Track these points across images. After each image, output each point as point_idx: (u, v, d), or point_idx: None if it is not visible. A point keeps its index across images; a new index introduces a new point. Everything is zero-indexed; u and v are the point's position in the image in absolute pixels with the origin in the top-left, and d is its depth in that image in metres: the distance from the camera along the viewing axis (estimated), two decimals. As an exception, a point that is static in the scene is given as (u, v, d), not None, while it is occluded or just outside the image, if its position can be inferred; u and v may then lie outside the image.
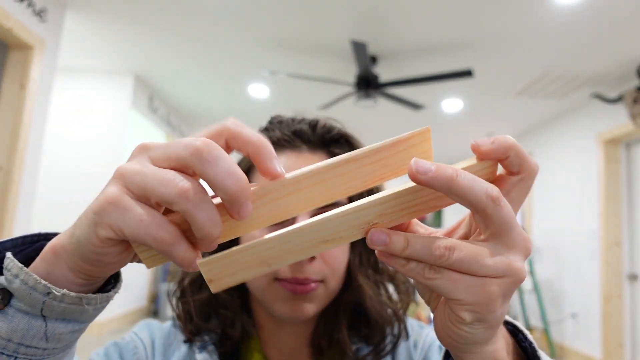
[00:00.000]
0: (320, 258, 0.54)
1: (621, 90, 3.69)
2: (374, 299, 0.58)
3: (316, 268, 0.53)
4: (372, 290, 0.59)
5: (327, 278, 0.55)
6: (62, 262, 0.29)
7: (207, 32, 3.32)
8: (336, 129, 0.59)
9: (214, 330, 0.58)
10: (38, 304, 0.28)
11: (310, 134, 0.58)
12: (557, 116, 4.72)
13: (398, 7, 2.83)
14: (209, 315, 0.59)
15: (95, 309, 0.31)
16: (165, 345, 0.60)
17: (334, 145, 0.59)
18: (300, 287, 0.53)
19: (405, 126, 5.33)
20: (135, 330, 0.61)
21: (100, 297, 0.31)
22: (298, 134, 0.58)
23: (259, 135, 0.28)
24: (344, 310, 0.59)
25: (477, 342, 0.29)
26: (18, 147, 2.63)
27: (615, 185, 3.93)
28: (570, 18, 2.82)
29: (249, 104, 4.84)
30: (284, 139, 0.58)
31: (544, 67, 3.55)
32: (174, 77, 4.32)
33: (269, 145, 0.28)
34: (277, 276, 0.53)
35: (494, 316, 0.28)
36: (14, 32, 2.54)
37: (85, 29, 3.39)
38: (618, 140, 3.97)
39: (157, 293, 5.18)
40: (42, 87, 2.85)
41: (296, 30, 3.21)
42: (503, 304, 0.28)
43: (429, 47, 3.34)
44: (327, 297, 0.57)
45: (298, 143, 0.58)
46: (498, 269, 0.27)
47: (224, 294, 0.59)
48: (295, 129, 0.58)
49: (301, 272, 0.52)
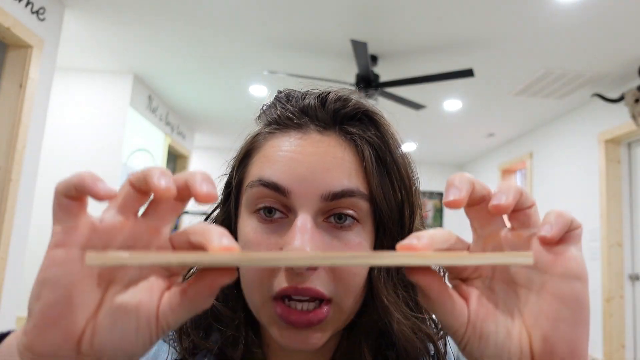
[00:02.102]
0: (328, 269, 0.42)
1: (622, 89, 3.68)
2: (403, 323, 0.44)
3: (321, 277, 0.41)
4: (401, 312, 0.45)
5: (339, 297, 0.42)
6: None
7: (207, 32, 3.31)
8: (352, 102, 0.47)
9: (213, 350, 0.48)
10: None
11: (320, 109, 0.46)
12: (558, 116, 4.71)
13: (398, 7, 2.82)
14: (208, 331, 0.49)
15: None
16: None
17: (348, 123, 0.47)
18: (299, 319, 0.40)
19: (406, 126, 5.31)
20: None
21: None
22: (304, 110, 0.47)
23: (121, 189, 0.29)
24: (366, 334, 0.46)
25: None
26: (17, 147, 2.62)
27: (616, 185, 3.92)
28: (570, 18, 2.81)
29: (249, 104, 4.82)
30: (287, 117, 0.47)
31: (544, 67, 3.54)
32: (173, 77, 4.31)
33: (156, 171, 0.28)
34: (272, 292, 0.42)
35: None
36: (13, 31, 2.53)
37: (84, 29, 3.38)
38: (619, 140, 3.96)
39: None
40: (40, 86, 2.84)
41: (296, 30, 3.20)
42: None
43: (429, 47, 3.33)
44: (342, 320, 0.44)
45: (304, 121, 0.46)
46: None
47: (225, 309, 0.48)
48: (302, 105, 0.48)
49: (301, 281, 0.40)
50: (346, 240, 0.43)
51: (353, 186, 0.43)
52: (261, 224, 0.44)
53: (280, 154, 0.44)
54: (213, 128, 5.93)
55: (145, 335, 0.29)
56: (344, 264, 0.30)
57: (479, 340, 0.30)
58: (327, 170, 0.42)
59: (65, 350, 0.28)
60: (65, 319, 0.28)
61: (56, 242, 0.28)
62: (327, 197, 0.42)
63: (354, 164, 0.44)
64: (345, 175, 0.43)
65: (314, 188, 0.42)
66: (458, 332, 0.30)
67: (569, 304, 0.29)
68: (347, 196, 0.42)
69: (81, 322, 0.28)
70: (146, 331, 0.29)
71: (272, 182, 0.42)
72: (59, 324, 0.28)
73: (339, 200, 0.42)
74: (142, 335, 0.29)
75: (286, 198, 0.42)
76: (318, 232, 0.42)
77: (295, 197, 0.42)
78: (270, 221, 0.43)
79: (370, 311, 0.46)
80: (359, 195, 0.43)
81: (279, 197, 0.43)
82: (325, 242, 0.42)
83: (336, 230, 0.43)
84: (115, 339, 0.28)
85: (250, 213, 0.45)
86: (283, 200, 0.43)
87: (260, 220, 0.44)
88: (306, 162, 0.42)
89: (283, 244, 0.41)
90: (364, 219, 0.44)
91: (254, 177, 0.44)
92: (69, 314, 0.28)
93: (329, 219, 0.43)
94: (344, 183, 0.42)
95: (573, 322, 0.29)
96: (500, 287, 0.31)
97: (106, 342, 0.28)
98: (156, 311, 0.29)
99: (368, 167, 0.44)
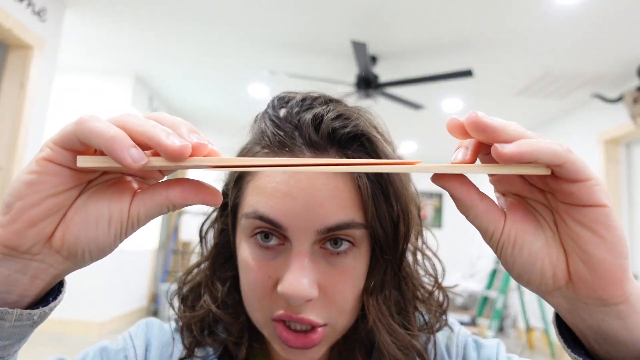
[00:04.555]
0: (324, 296, 0.43)
1: (621, 90, 3.69)
2: (389, 343, 0.46)
3: (316, 307, 0.43)
4: (389, 331, 0.46)
5: (333, 320, 0.45)
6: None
7: (207, 32, 3.31)
8: (351, 125, 0.44)
9: (217, 346, 0.51)
10: None
11: (312, 132, 0.43)
12: (557, 116, 4.72)
13: (398, 7, 2.83)
14: (212, 329, 0.52)
15: (13, 327, 0.30)
16: (162, 356, 0.52)
17: (345, 146, 0.44)
18: (298, 342, 0.43)
19: (406, 126, 5.32)
20: (131, 332, 0.54)
21: (19, 314, 0.30)
22: (299, 127, 0.44)
23: (107, 131, 0.28)
24: (359, 346, 0.50)
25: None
26: (18, 147, 2.63)
27: (616, 185, 3.93)
28: (570, 18, 2.82)
29: (249, 104, 4.83)
30: (280, 142, 0.44)
31: (544, 67, 3.55)
32: (173, 77, 4.32)
33: (118, 138, 0.28)
34: (272, 315, 0.44)
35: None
36: (14, 32, 2.54)
37: (85, 29, 3.39)
38: (618, 140, 3.97)
39: (157, 293, 5.18)
40: (41, 87, 2.84)
41: (296, 30, 3.21)
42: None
43: (429, 47, 3.33)
44: (336, 336, 0.47)
45: (297, 144, 0.44)
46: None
47: (227, 316, 0.50)
48: (296, 123, 0.45)
49: (297, 312, 0.43)
50: (342, 267, 0.44)
51: (348, 219, 0.43)
52: (258, 250, 0.45)
53: (274, 185, 0.43)
54: (213, 128, 5.93)
55: (117, 227, 0.31)
56: (353, 169, 0.31)
57: (512, 247, 0.31)
58: (322, 205, 0.42)
59: (38, 246, 0.30)
60: (43, 221, 0.29)
61: (47, 156, 0.29)
62: (322, 231, 0.42)
63: (349, 193, 0.43)
64: (341, 207, 0.42)
65: (309, 223, 0.42)
66: (495, 234, 0.31)
67: (594, 229, 0.28)
68: (342, 229, 0.43)
69: (55, 222, 0.30)
70: (118, 223, 0.31)
71: (268, 218, 0.43)
72: (36, 224, 0.29)
73: (334, 232, 0.43)
74: (114, 226, 0.31)
75: (282, 231, 0.43)
76: (313, 263, 0.43)
77: (291, 232, 0.42)
78: (267, 248, 0.44)
79: (361, 329, 0.48)
80: (354, 226, 0.43)
81: (275, 229, 0.43)
82: (321, 271, 0.43)
83: (332, 257, 0.44)
84: (88, 231, 0.30)
85: (247, 237, 0.46)
86: (279, 232, 0.43)
87: (258, 246, 0.45)
88: (301, 198, 0.42)
89: (280, 272, 0.43)
90: (360, 243, 0.45)
91: (249, 209, 0.44)
92: (48, 217, 0.30)
93: (324, 245, 0.44)
94: (339, 217, 0.42)
95: (604, 246, 0.28)
96: (539, 207, 0.32)
97: (79, 235, 0.30)
98: (128, 205, 0.31)
99: (364, 194, 0.43)
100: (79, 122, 0.28)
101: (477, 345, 0.52)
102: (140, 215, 0.31)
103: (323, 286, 0.43)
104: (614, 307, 0.28)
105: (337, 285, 0.44)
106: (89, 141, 0.28)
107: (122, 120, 0.30)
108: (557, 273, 0.30)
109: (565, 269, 0.30)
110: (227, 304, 0.51)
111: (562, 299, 0.31)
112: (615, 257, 0.28)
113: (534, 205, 0.32)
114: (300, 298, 0.41)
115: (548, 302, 0.32)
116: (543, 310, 4.34)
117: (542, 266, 0.30)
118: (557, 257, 0.30)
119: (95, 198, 0.31)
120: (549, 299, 0.32)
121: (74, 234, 0.30)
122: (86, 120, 0.28)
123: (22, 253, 0.29)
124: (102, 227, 0.30)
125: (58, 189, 0.29)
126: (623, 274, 0.28)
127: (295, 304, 0.42)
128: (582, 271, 0.29)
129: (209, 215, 0.56)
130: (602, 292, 0.28)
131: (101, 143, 0.28)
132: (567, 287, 0.30)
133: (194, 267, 0.55)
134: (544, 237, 0.31)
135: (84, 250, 0.31)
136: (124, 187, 0.32)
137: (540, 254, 0.30)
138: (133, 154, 0.28)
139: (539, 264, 0.30)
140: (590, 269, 0.28)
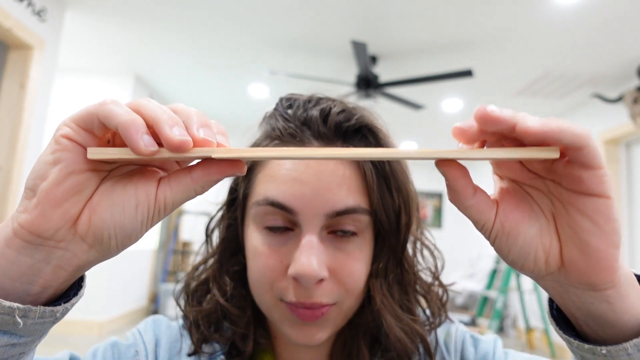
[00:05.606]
0: (333, 278, 0.46)
1: (621, 90, 3.69)
2: (394, 326, 0.48)
3: (326, 290, 0.46)
4: (393, 315, 0.49)
5: (341, 299, 0.47)
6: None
7: (207, 32, 3.31)
8: (355, 118, 0.48)
9: (224, 342, 0.52)
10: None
11: (322, 124, 0.48)
12: (557, 116, 4.69)
13: (398, 7, 2.83)
14: (219, 325, 0.53)
15: (36, 324, 0.30)
16: (172, 352, 0.53)
17: (351, 137, 0.49)
18: (307, 313, 0.45)
19: (406, 126, 5.32)
20: (140, 329, 0.55)
21: (42, 311, 0.30)
22: (307, 122, 0.48)
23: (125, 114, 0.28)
24: (364, 332, 0.51)
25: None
26: (18, 147, 2.63)
27: (616, 186, 3.93)
28: (570, 18, 2.82)
29: (249, 104, 4.83)
30: (290, 133, 0.48)
31: (544, 67, 3.55)
32: (173, 77, 4.32)
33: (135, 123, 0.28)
34: (282, 298, 0.46)
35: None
36: (14, 32, 2.54)
37: (85, 29, 3.39)
38: (618, 140, 3.97)
39: (157, 293, 5.18)
40: (41, 87, 2.84)
41: (296, 30, 3.21)
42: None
43: (429, 47, 3.33)
44: (342, 319, 0.49)
45: (306, 136, 0.48)
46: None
47: (234, 308, 0.51)
48: (304, 118, 0.49)
49: (308, 296, 0.45)
50: (348, 250, 0.47)
51: (355, 204, 0.46)
52: (268, 237, 0.47)
53: (285, 172, 0.46)
54: (213, 128, 5.93)
55: (144, 212, 0.31)
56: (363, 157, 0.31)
57: (506, 237, 0.31)
58: (330, 190, 0.45)
59: (64, 230, 0.29)
60: (67, 200, 0.29)
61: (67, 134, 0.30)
62: (331, 215, 0.45)
63: (355, 180, 0.47)
64: (348, 193, 0.46)
65: (318, 208, 0.45)
66: (486, 226, 0.31)
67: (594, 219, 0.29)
68: (350, 213, 0.46)
69: (80, 204, 0.30)
70: (145, 208, 0.31)
71: (279, 203, 0.45)
72: (61, 205, 0.29)
73: (342, 216, 0.46)
74: (141, 211, 0.31)
75: (292, 216, 0.45)
76: (323, 246, 0.46)
77: (301, 216, 0.45)
78: (278, 234, 0.47)
79: (367, 313, 0.50)
80: (360, 211, 0.46)
81: (285, 214, 0.46)
82: (330, 254, 0.46)
83: (339, 242, 0.47)
84: (115, 215, 0.30)
85: (257, 227, 0.48)
86: (289, 217, 0.46)
87: (268, 234, 0.47)
88: (310, 183, 0.45)
89: (291, 257, 0.45)
90: (365, 231, 0.48)
91: (260, 196, 0.47)
92: (72, 196, 0.29)
93: (332, 232, 0.47)
94: (346, 202, 0.45)
95: (601, 236, 0.29)
96: (536, 194, 0.32)
97: (105, 219, 0.30)
98: (155, 190, 0.31)
99: (369, 182, 0.47)
100: (102, 103, 0.29)
101: (475, 341, 0.54)
102: (167, 200, 0.31)
103: (332, 268, 0.46)
104: (602, 292, 0.29)
105: (345, 268, 0.46)
106: (107, 122, 0.28)
107: (138, 105, 0.30)
108: (550, 260, 0.31)
109: (558, 256, 0.31)
110: (234, 297, 0.52)
111: (554, 282, 0.31)
112: (610, 247, 0.29)
113: (531, 192, 0.32)
114: (311, 278, 0.43)
115: (540, 285, 0.33)
116: (543, 310, 4.34)
117: (535, 253, 0.31)
118: (550, 244, 0.31)
119: (122, 183, 0.31)
120: (540, 282, 0.32)
121: (100, 217, 0.30)
122: (108, 103, 0.29)
123: (46, 240, 0.29)
124: (129, 211, 0.30)
125: (79, 167, 0.29)
126: (614, 263, 0.29)
127: (307, 285, 0.44)
128: (575, 258, 0.29)
129: (214, 214, 0.57)
130: (594, 278, 0.29)
131: (118, 124, 0.28)
132: (559, 272, 0.31)
133: (201, 263, 0.57)
134: (537, 226, 0.31)
135: (110, 235, 0.30)
136: (149, 174, 0.32)
137: (534, 242, 0.31)
138: (145, 140, 0.28)
139: (532, 251, 0.31)
140: (584, 257, 0.29)
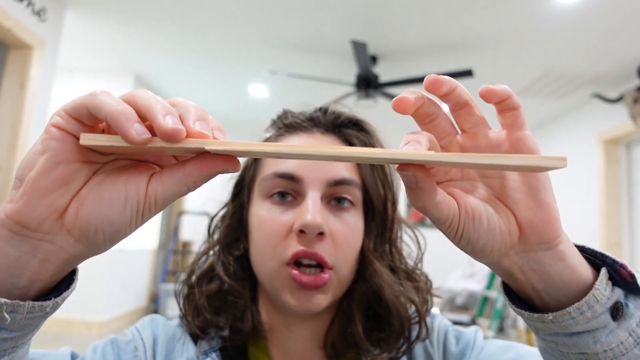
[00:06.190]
0: (331, 239, 0.52)
1: (621, 90, 3.69)
2: (392, 287, 0.55)
3: (326, 247, 0.51)
4: (390, 278, 0.55)
5: (338, 265, 0.52)
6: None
7: (207, 32, 3.31)
8: (344, 115, 0.60)
9: (223, 325, 0.56)
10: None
11: (322, 118, 0.60)
12: (557, 116, 4.72)
13: (398, 7, 2.83)
14: (219, 309, 0.57)
15: (25, 319, 0.30)
16: (169, 348, 0.56)
17: (343, 129, 0.60)
18: (310, 280, 0.50)
19: (405, 126, 5.32)
20: (137, 327, 0.57)
21: (31, 306, 0.29)
22: (310, 118, 0.60)
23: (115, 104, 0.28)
24: (358, 301, 0.56)
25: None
26: (18, 147, 2.63)
27: (616, 186, 3.93)
28: (570, 18, 2.82)
29: (249, 104, 4.83)
30: (297, 123, 0.60)
31: (544, 67, 3.55)
32: (173, 77, 4.32)
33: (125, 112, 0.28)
34: (286, 257, 0.51)
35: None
36: (14, 32, 2.54)
37: (85, 29, 3.39)
38: (618, 140, 3.97)
39: (157, 293, 5.18)
40: (41, 87, 2.85)
41: (296, 30, 3.21)
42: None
43: (429, 47, 3.33)
44: (339, 286, 0.54)
45: (311, 126, 0.59)
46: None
47: (235, 284, 0.57)
48: (307, 115, 0.60)
49: (311, 246, 0.51)
50: (344, 219, 0.54)
51: (350, 177, 0.54)
52: (274, 206, 0.54)
53: None
54: (213, 128, 5.94)
55: (133, 207, 0.30)
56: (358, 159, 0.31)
57: (473, 222, 0.32)
58: (330, 164, 0.53)
59: (49, 222, 0.29)
60: (54, 191, 0.29)
61: (57, 122, 0.29)
62: (331, 183, 0.53)
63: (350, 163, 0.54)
64: (344, 167, 0.54)
65: (320, 175, 0.53)
66: (453, 221, 0.32)
67: (530, 182, 0.33)
68: (346, 184, 0.54)
69: (68, 196, 0.30)
70: (134, 203, 0.30)
71: (286, 173, 0.53)
72: (48, 195, 0.29)
73: (340, 186, 0.54)
74: (130, 206, 0.30)
75: (298, 184, 0.53)
76: (323, 208, 0.52)
77: (305, 183, 0.52)
78: (283, 203, 0.54)
79: (363, 278, 0.56)
80: (354, 184, 0.55)
81: (291, 184, 0.53)
82: (329, 219, 0.53)
83: (336, 211, 0.54)
84: (102, 209, 0.30)
85: (264, 198, 0.55)
86: (295, 187, 0.53)
87: (274, 203, 0.54)
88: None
89: (294, 220, 0.51)
90: (357, 204, 0.56)
91: (268, 172, 0.54)
92: (60, 186, 0.29)
93: (330, 202, 0.54)
94: (344, 173, 0.54)
95: (546, 191, 0.33)
96: (474, 184, 0.35)
97: (92, 212, 0.29)
98: (145, 185, 0.30)
99: (362, 164, 0.56)
100: (92, 93, 0.29)
101: (456, 332, 0.59)
102: (158, 195, 0.30)
103: (331, 231, 0.52)
104: (556, 249, 0.32)
105: (342, 233, 0.53)
106: (97, 112, 0.28)
107: (133, 95, 0.29)
108: (512, 230, 0.33)
109: (515, 224, 0.33)
110: (237, 276, 0.57)
111: (516, 256, 0.33)
112: (554, 201, 0.33)
113: (470, 184, 0.35)
114: (315, 226, 0.49)
115: (503, 267, 0.34)
116: (543, 310, 4.33)
117: (500, 228, 0.32)
118: (506, 215, 0.33)
119: (111, 177, 0.31)
120: (505, 261, 0.34)
121: (87, 211, 0.29)
122: (98, 93, 0.29)
123: (32, 231, 0.29)
124: (117, 206, 0.30)
125: (68, 156, 0.29)
126: (558, 215, 0.33)
127: (311, 235, 0.50)
128: (531, 217, 0.32)
129: (217, 212, 0.62)
130: (549, 232, 0.32)
131: (108, 114, 0.27)
132: (519, 241, 0.33)
133: (204, 253, 0.61)
134: (490, 202, 0.33)
135: (96, 229, 0.30)
136: (141, 168, 0.32)
137: (495, 218, 0.32)
138: (137, 128, 0.27)
139: (497, 227, 0.32)
140: (537, 213, 0.32)
